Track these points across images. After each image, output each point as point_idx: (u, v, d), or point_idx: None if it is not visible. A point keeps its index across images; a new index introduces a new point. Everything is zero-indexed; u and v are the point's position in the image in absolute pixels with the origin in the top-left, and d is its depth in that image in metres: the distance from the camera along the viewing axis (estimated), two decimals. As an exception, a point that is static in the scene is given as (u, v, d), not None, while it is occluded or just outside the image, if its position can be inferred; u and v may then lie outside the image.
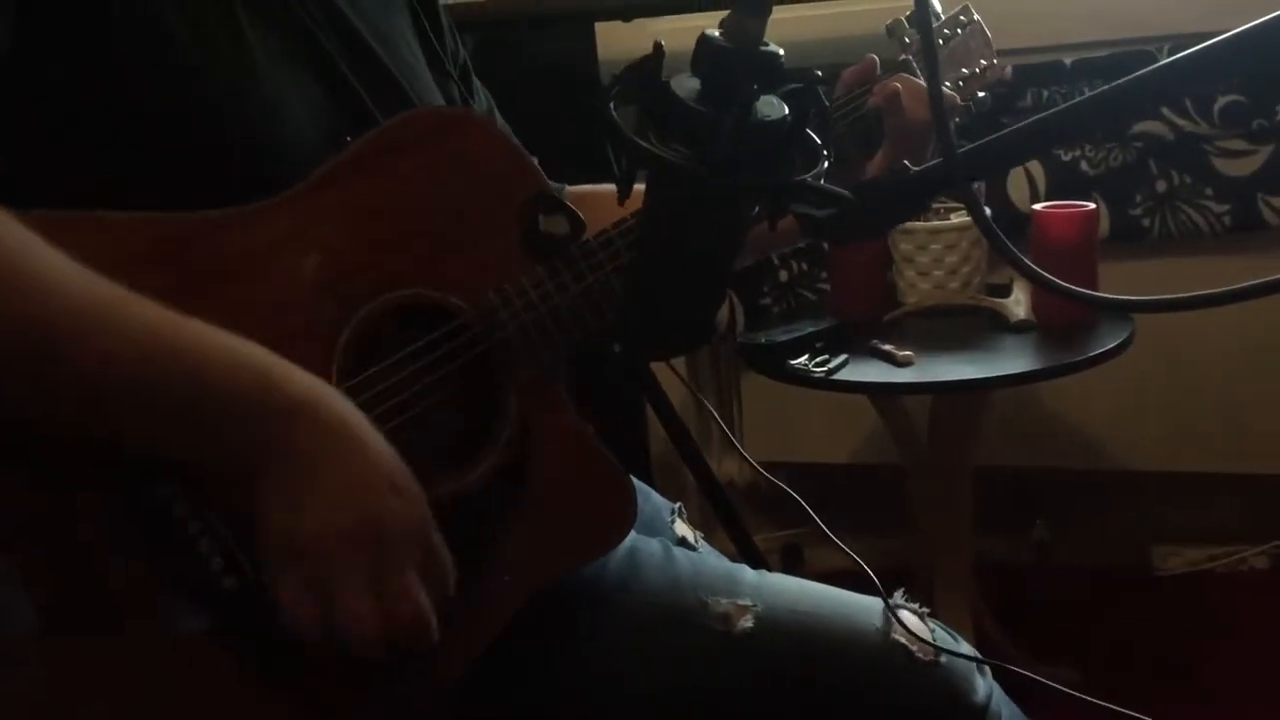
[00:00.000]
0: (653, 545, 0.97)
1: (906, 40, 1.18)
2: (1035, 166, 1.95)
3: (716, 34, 0.67)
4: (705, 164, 0.65)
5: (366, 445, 0.72)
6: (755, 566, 1.34)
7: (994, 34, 1.95)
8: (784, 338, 1.67)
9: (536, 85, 2.18)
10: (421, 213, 0.86)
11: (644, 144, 0.66)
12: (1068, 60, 1.93)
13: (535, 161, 0.92)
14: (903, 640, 0.89)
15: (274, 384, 0.71)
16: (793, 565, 2.37)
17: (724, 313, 2.11)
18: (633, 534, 0.96)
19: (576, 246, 0.89)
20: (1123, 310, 1.63)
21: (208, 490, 0.74)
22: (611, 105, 0.68)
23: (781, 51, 0.67)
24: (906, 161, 0.69)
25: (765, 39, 0.67)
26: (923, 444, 1.76)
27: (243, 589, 0.75)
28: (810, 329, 1.70)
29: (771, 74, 0.67)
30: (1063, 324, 1.62)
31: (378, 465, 0.72)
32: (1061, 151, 1.93)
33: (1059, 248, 1.60)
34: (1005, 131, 0.65)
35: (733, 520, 2.18)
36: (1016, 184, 1.96)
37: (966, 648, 0.93)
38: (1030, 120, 0.65)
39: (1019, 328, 1.63)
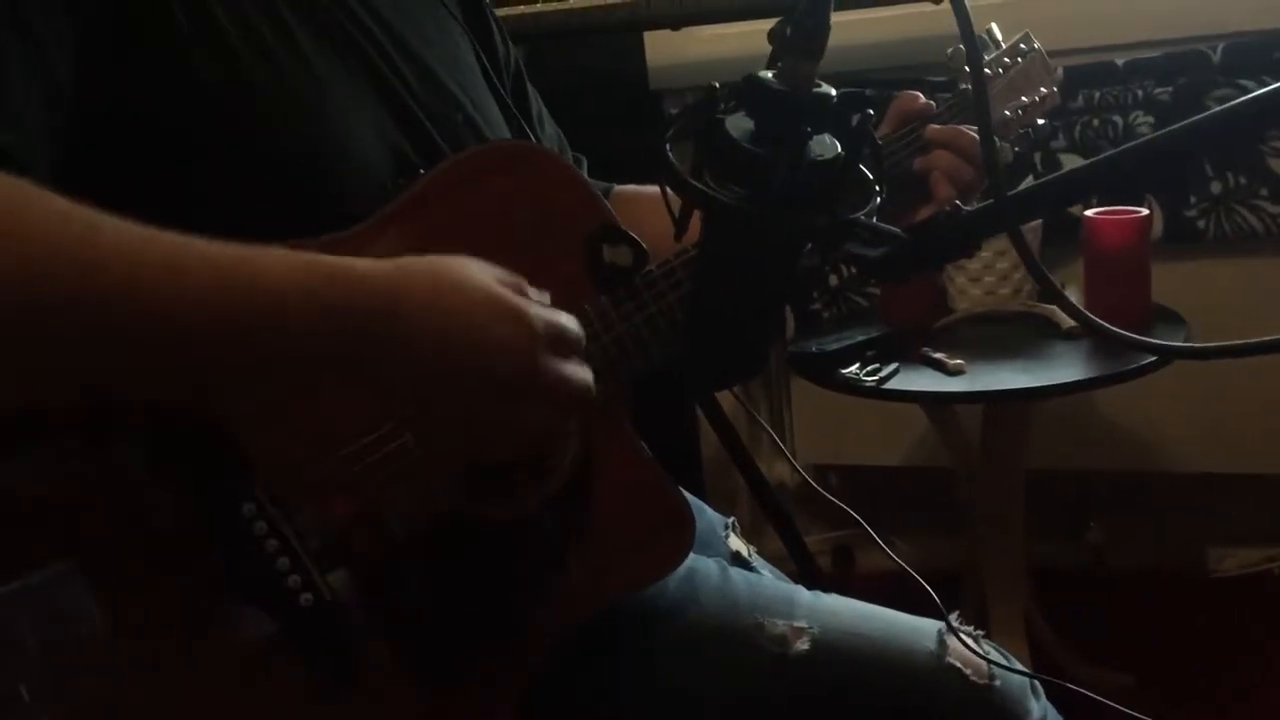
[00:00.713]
0: (710, 565, 0.99)
1: (967, 69, 1.18)
2: (1086, 168, 1.94)
3: (769, 75, 0.68)
4: (759, 204, 0.67)
5: (474, 287, 0.75)
6: (806, 569, 1.36)
7: (1044, 35, 1.95)
8: (834, 346, 1.67)
9: (587, 91, 2.21)
10: (490, 245, 0.87)
11: (699, 185, 0.67)
12: (1120, 61, 1.91)
13: (599, 193, 0.94)
14: (957, 664, 0.90)
15: (359, 292, 0.72)
16: (845, 567, 2.38)
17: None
18: (690, 554, 0.97)
19: (640, 276, 0.90)
20: (1150, 352, 1.60)
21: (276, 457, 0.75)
22: (668, 146, 0.70)
23: (834, 92, 0.69)
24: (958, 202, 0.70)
25: (817, 79, 0.69)
26: (974, 449, 1.76)
27: (317, 606, 0.77)
28: (861, 337, 1.71)
29: (824, 115, 0.68)
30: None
31: (496, 300, 0.75)
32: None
33: (1111, 253, 1.60)
34: (1056, 175, 0.65)
35: (784, 524, 2.20)
36: (1068, 186, 1.95)
37: (1019, 669, 0.94)
38: (1083, 165, 0.65)
39: (1071, 334, 1.63)
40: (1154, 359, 1.53)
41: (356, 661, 0.80)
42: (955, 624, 0.94)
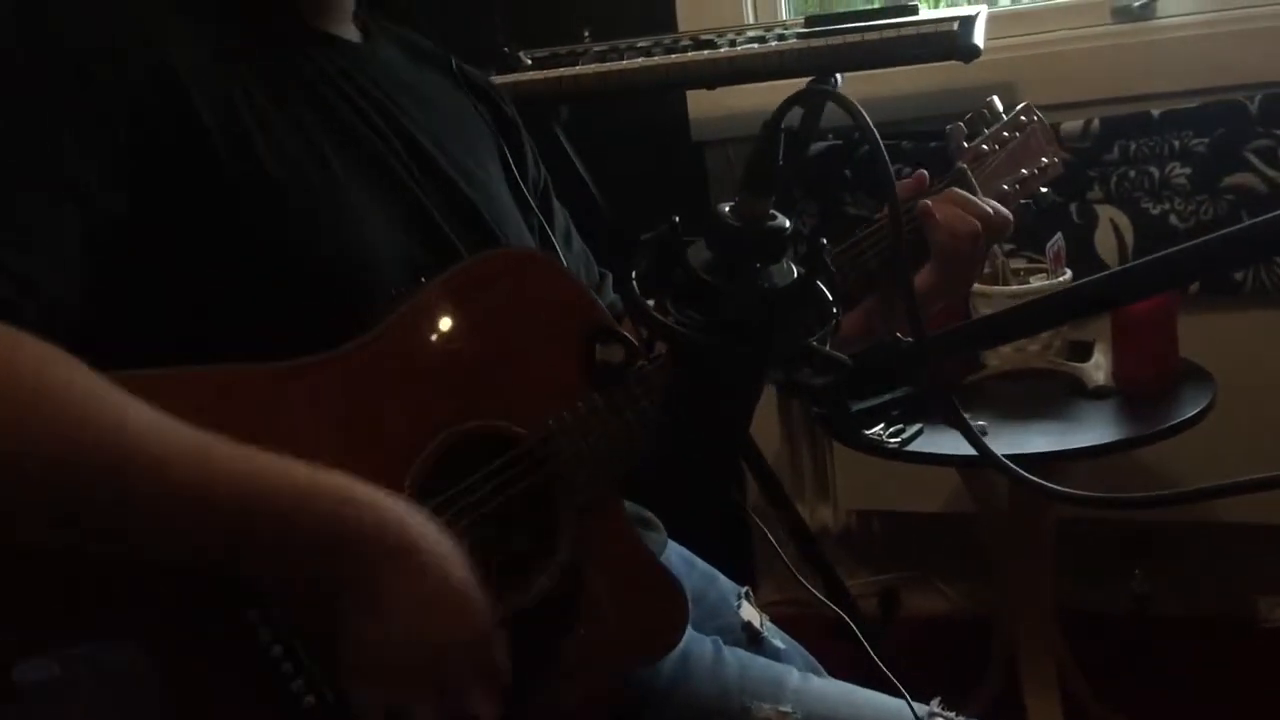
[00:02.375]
0: (705, 646, 1.02)
1: (965, 145, 1.20)
2: (1122, 219, 1.94)
3: (726, 210, 0.72)
4: (713, 332, 0.71)
5: (439, 563, 0.79)
6: (849, 613, 1.38)
7: (1077, 86, 1.97)
8: (859, 405, 1.69)
9: (631, 147, 2.26)
10: (489, 349, 0.93)
11: (655, 315, 0.71)
12: (1155, 111, 1.91)
13: (594, 294, 0.99)
14: (936, 750, 0.93)
15: (350, 510, 0.77)
16: (889, 610, 2.39)
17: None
18: (688, 632, 1.01)
19: (632, 374, 0.95)
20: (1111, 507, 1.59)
21: (288, 606, 0.81)
22: (634, 276, 0.74)
23: (788, 224, 0.73)
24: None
25: (772, 212, 0.72)
26: (1003, 499, 1.77)
27: (321, 707, 0.82)
28: (887, 395, 1.72)
29: (778, 247, 0.72)
30: (1144, 390, 1.62)
31: (448, 584, 0.79)
32: (1150, 204, 1.92)
33: (1136, 314, 1.60)
34: (977, 320, 0.68)
35: (826, 569, 2.22)
36: (1104, 238, 1.95)
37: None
38: (999, 312, 0.68)
39: (1098, 393, 1.63)
40: (1188, 417, 1.54)
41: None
42: (937, 709, 0.96)
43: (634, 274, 0.74)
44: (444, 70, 1.14)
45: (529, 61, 1.99)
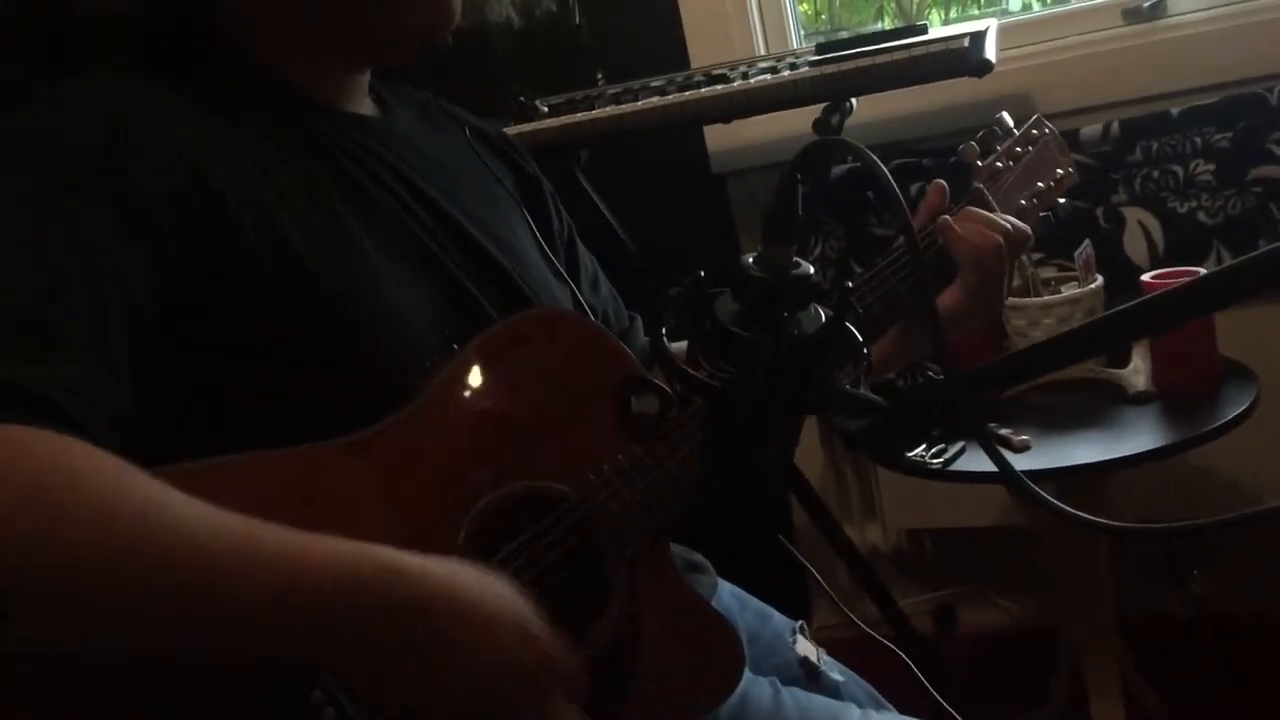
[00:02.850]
0: (763, 689, 1.02)
1: (979, 164, 1.21)
2: (1150, 220, 1.93)
3: (750, 261, 0.73)
4: (746, 384, 0.71)
5: (496, 626, 0.78)
6: (904, 635, 1.37)
7: (1094, 89, 1.97)
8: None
9: (653, 183, 2.27)
10: (527, 410, 0.94)
11: (689, 371, 0.72)
12: (1175, 110, 1.90)
13: (624, 346, 1.00)
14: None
15: (399, 587, 0.75)
16: (947, 627, 2.37)
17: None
18: (746, 675, 1.01)
19: (668, 422, 0.95)
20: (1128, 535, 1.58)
21: (354, 685, 0.80)
22: (664, 332, 0.75)
23: (812, 270, 0.73)
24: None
25: (796, 259, 0.73)
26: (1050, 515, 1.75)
27: None
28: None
29: (803, 295, 0.73)
30: (1185, 392, 1.61)
31: (520, 629, 0.78)
32: (1177, 203, 1.91)
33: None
34: (1012, 354, 0.68)
35: (877, 591, 2.21)
36: (1133, 239, 1.94)
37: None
38: (1035, 344, 0.68)
39: (1140, 399, 1.62)
40: (1231, 418, 1.52)
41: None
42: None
43: (664, 329, 0.75)
44: (461, 133, 1.16)
45: (545, 109, 2.01)
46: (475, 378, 0.92)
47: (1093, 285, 1.69)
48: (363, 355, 0.89)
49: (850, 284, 0.74)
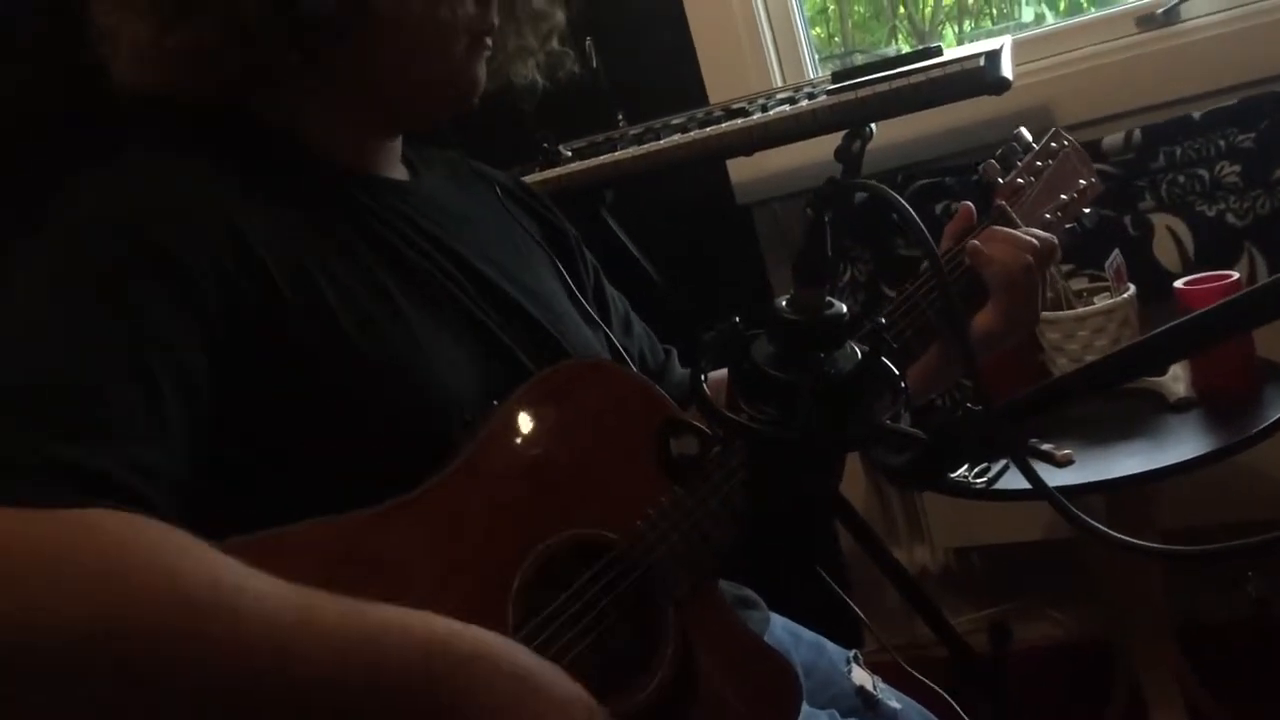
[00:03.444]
0: (821, 720, 1.03)
1: (1000, 181, 1.22)
2: (1179, 225, 1.93)
3: (783, 304, 0.74)
4: (788, 426, 0.73)
5: (539, 694, 0.80)
6: (959, 654, 1.36)
7: (1113, 98, 1.97)
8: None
9: (680, 218, 2.30)
10: (568, 461, 0.95)
11: (730, 416, 0.73)
12: (1196, 114, 1.90)
13: (660, 389, 1.01)
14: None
15: (438, 653, 0.76)
16: (1001, 643, 2.36)
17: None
18: (805, 709, 1.02)
19: (709, 461, 0.96)
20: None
21: None
22: (703, 378, 0.77)
23: (845, 309, 0.74)
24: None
25: (829, 299, 0.74)
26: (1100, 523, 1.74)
27: None
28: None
29: (839, 333, 0.74)
30: (1226, 396, 1.60)
31: (552, 703, 0.79)
32: (1205, 206, 1.90)
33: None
34: (1051, 380, 0.69)
35: (929, 611, 2.20)
36: (1163, 246, 1.94)
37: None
38: (1077, 369, 0.69)
39: (1181, 406, 1.62)
40: (1275, 420, 1.51)
41: None
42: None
43: (703, 376, 0.77)
44: (490, 189, 1.18)
45: (569, 154, 2.04)
46: (516, 432, 0.94)
47: (1125, 295, 1.69)
48: (405, 417, 0.91)
49: (883, 320, 0.75)
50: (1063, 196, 1.23)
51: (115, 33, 0.97)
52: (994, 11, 2.62)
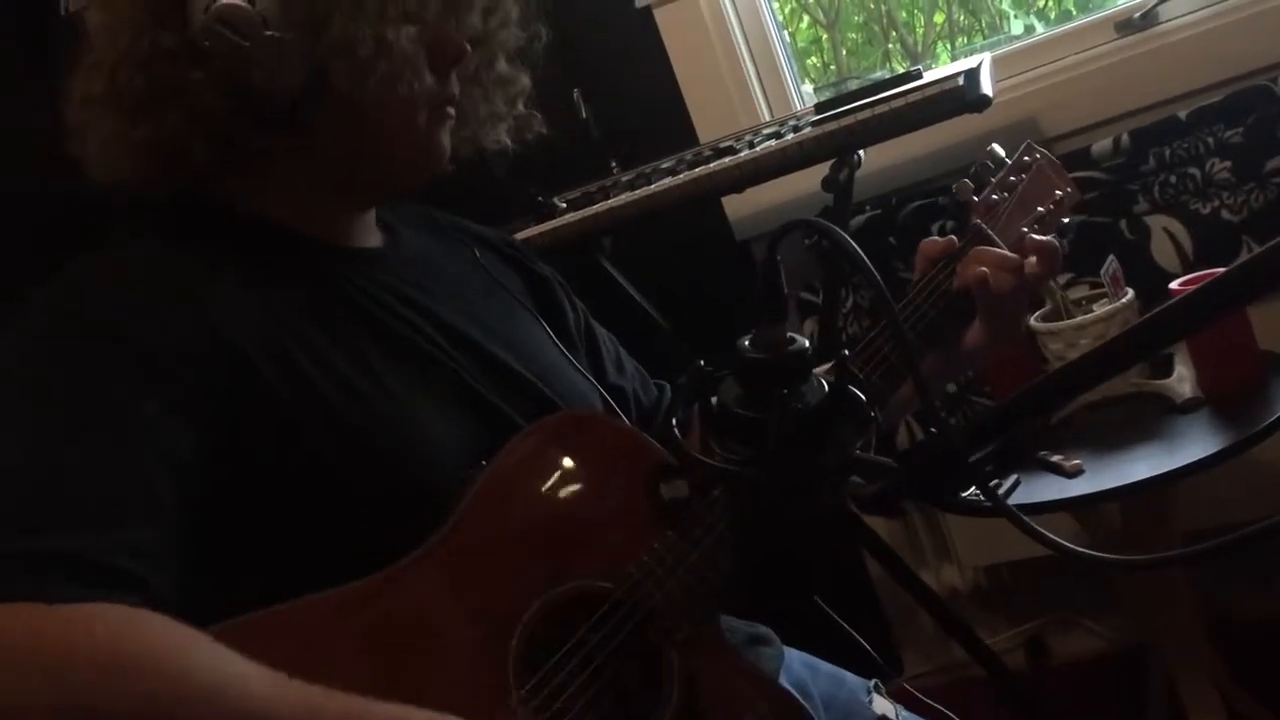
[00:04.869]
0: (841, 754, 1.03)
1: (975, 199, 1.23)
2: (1175, 225, 1.92)
3: (746, 343, 0.75)
4: (761, 463, 0.73)
5: None
6: (994, 674, 1.34)
7: (1096, 104, 1.98)
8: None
9: (680, 257, 2.31)
10: (559, 513, 0.96)
11: (704, 459, 0.74)
12: (1182, 113, 1.90)
13: (646, 437, 1.02)
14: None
15: None
16: (1038, 658, 2.34)
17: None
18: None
19: (700, 503, 0.97)
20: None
21: None
22: (674, 423, 0.78)
23: (808, 344, 0.76)
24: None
25: (790, 335, 0.76)
26: (1116, 530, 1.73)
27: None
28: (978, 452, 1.70)
29: (802, 369, 0.75)
30: (1232, 393, 1.59)
31: None
32: (1200, 204, 1.90)
33: (1206, 320, 1.58)
34: (1007, 399, 0.70)
35: (961, 632, 2.18)
36: (1161, 247, 1.93)
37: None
38: (1028, 387, 0.70)
39: (1188, 406, 1.61)
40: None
41: None
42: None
43: (674, 421, 0.78)
44: (466, 245, 1.20)
45: (563, 205, 2.06)
46: (504, 490, 0.95)
47: (1124, 299, 1.69)
48: (396, 486, 0.92)
49: (847, 351, 0.75)
50: (1039, 209, 1.24)
51: (84, 128, 1.00)
52: (984, 27, 2.64)
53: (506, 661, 0.89)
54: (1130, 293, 1.70)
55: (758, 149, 1.89)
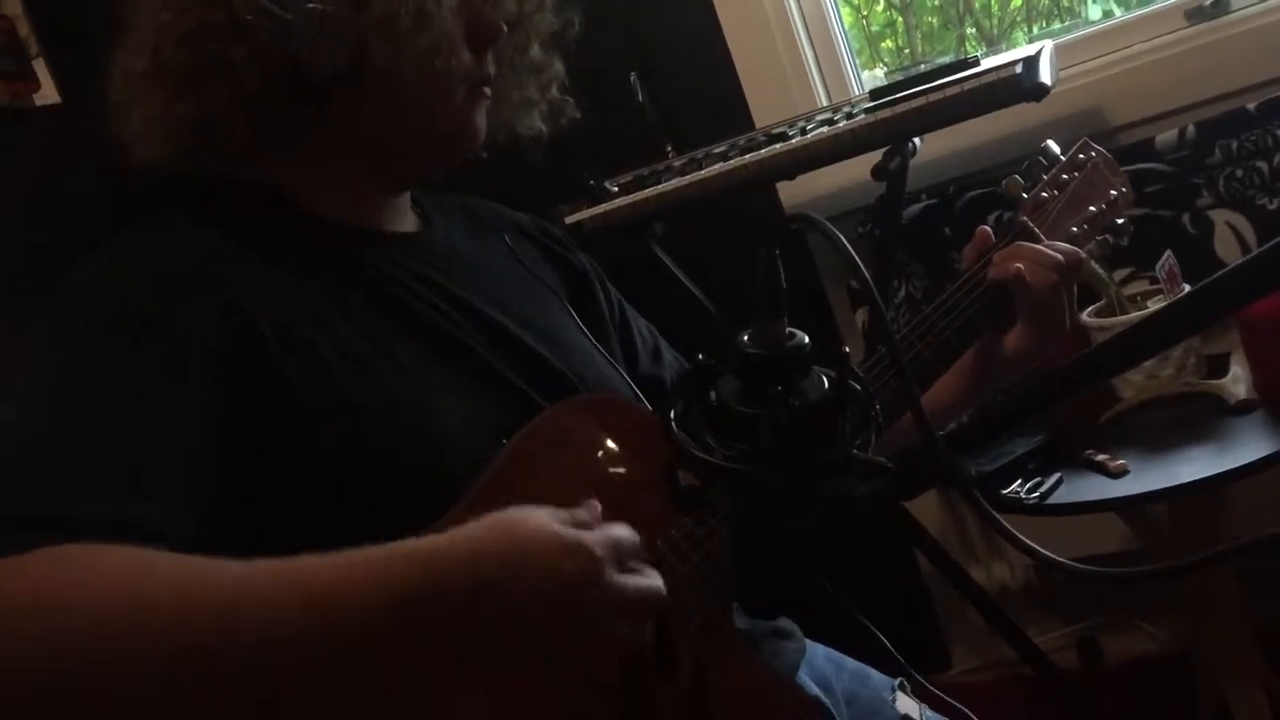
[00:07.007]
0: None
1: (1024, 196, 1.20)
2: (1239, 220, 1.87)
3: (745, 339, 0.75)
4: (759, 459, 0.73)
5: (526, 559, 0.78)
6: (1042, 672, 1.32)
7: (1165, 95, 1.92)
8: (991, 466, 1.66)
9: (730, 245, 2.28)
10: (576, 493, 0.95)
11: (701, 455, 0.74)
12: (1251, 105, 1.85)
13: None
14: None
15: (435, 574, 0.76)
16: (1091, 659, 2.29)
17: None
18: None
19: (717, 491, 0.96)
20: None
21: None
22: (673, 419, 0.77)
23: (807, 339, 0.74)
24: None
25: (790, 330, 0.75)
26: (1164, 531, 1.69)
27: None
28: (1022, 449, 1.68)
29: (801, 364, 0.74)
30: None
31: (539, 544, 0.79)
32: (1266, 199, 1.84)
33: (1257, 318, 1.53)
34: (991, 403, 0.68)
35: (1010, 630, 2.15)
36: (1225, 242, 1.88)
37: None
38: (1016, 389, 0.68)
39: (1242, 408, 1.56)
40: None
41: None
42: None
43: (672, 416, 0.77)
44: (503, 233, 1.20)
45: (615, 189, 2.05)
46: (519, 473, 0.95)
47: (1179, 296, 1.64)
48: (413, 467, 0.93)
49: (846, 349, 0.74)
50: (1091, 209, 1.21)
51: (127, 108, 1.02)
52: (1062, 12, 2.58)
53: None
54: (1186, 289, 1.66)
55: (809, 135, 1.86)
